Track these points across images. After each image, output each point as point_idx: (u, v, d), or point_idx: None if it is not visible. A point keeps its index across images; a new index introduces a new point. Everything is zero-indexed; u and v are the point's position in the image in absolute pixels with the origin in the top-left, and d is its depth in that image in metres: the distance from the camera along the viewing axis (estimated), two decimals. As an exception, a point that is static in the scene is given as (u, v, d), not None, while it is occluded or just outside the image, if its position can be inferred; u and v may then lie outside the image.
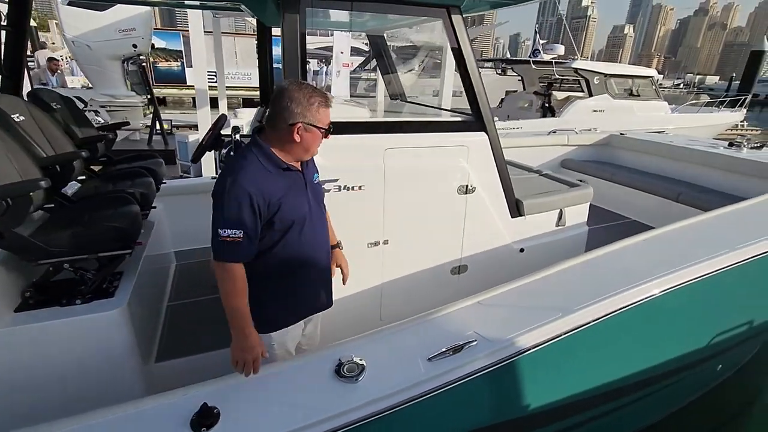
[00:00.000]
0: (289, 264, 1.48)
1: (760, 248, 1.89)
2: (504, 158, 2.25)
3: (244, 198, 1.30)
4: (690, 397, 2.56)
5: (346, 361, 1.33)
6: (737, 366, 2.87)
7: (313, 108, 1.36)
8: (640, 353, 1.81)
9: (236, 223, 1.31)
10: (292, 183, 1.45)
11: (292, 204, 1.42)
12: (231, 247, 1.32)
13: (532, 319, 1.49)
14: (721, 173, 3.60)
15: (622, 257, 1.86)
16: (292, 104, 1.34)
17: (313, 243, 1.54)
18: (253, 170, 1.35)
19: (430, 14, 1.91)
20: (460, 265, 2.30)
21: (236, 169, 1.34)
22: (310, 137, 1.40)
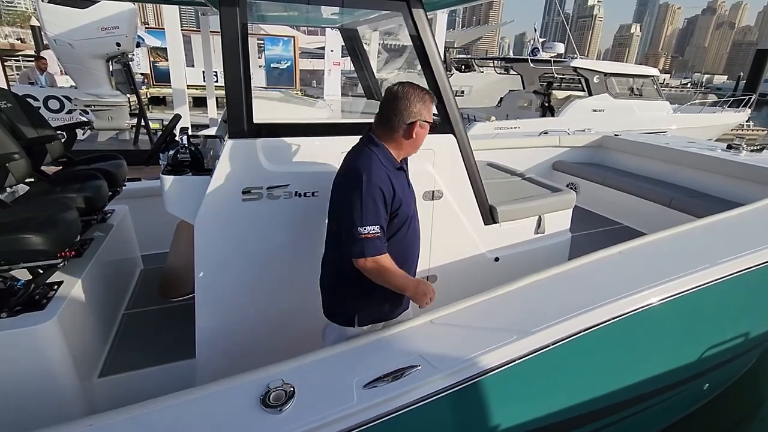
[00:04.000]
0: (398, 258, 1.50)
1: (742, 263, 1.74)
2: (474, 162, 2.12)
3: (378, 195, 1.40)
4: (676, 418, 2.42)
5: (275, 387, 1.21)
6: (726, 384, 2.72)
7: (426, 105, 1.50)
8: (612, 375, 1.68)
9: (374, 220, 1.39)
10: (404, 181, 1.56)
11: (407, 201, 1.53)
12: (373, 242, 1.40)
13: (486, 342, 1.35)
14: (717, 177, 3.44)
15: (593, 271, 1.72)
16: (411, 104, 1.46)
17: (415, 239, 1.65)
18: (378, 168, 1.44)
19: (388, 8, 1.78)
20: (428, 275, 2.17)
21: (366, 168, 1.42)
22: (423, 133, 1.54)
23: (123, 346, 2.07)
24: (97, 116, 5.39)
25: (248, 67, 1.59)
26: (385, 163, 1.47)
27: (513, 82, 12.62)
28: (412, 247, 1.64)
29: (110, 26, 5.12)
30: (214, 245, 1.69)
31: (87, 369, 1.80)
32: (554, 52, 9.56)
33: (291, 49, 19.60)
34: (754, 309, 2.14)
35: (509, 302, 1.56)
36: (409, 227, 1.57)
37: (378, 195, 1.40)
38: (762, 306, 2.17)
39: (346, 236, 1.42)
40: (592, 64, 9.13)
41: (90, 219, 2.02)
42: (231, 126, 1.62)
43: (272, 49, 19.85)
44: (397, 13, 1.80)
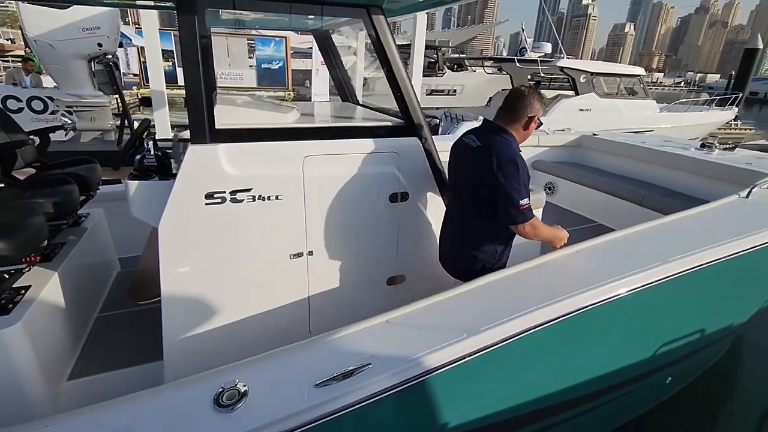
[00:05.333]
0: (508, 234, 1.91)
1: (698, 259, 1.79)
2: (441, 164, 2.16)
3: (527, 175, 1.77)
4: (639, 411, 2.47)
5: (229, 387, 1.24)
6: (692, 376, 2.78)
7: (541, 105, 1.88)
8: (566, 371, 1.73)
9: (527, 193, 1.75)
10: None
11: None
12: (528, 210, 1.75)
13: (437, 341, 1.39)
14: (688, 176, 3.51)
15: (550, 270, 1.76)
16: (534, 102, 1.83)
17: None
18: (521, 153, 1.79)
19: (348, 14, 1.82)
20: (396, 275, 2.21)
21: (516, 153, 1.78)
22: (535, 127, 1.90)
23: (94, 348, 2.09)
24: (80, 117, 5.38)
25: (208, 72, 1.62)
26: (519, 148, 1.82)
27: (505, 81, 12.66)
28: None
29: (91, 27, 5.11)
30: (178, 249, 1.72)
31: (55, 372, 1.83)
32: (542, 52, 9.62)
33: (282, 49, 19.57)
34: (715, 303, 2.19)
35: (465, 302, 1.60)
36: None
37: (527, 174, 1.78)
38: (722, 300, 2.23)
39: (509, 207, 1.74)
40: (579, 63, 9.21)
41: (60, 224, 2.04)
42: (192, 132, 1.65)
43: (263, 50, 19.82)
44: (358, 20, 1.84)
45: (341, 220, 1.98)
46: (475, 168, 1.83)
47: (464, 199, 1.94)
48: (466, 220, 1.93)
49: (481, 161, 1.79)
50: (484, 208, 1.83)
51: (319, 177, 1.87)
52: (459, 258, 1.98)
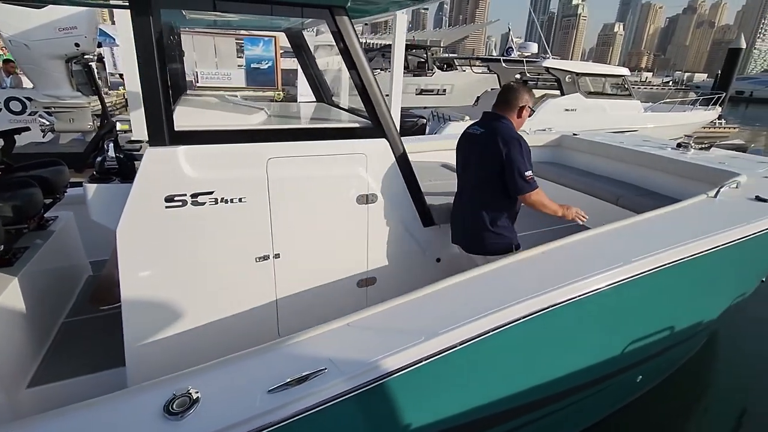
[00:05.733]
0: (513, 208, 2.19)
1: (656, 261, 1.81)
2: (410, 165, 2.16)
3: (529, 151, 2.05)
4: (609, 411, 2.49)
5: (181, 394, 1.22)
6: (665, 374, 2.81)
7: (530, 96, 2.16)
8: (531, 371, 1.73)
9: (531, 167, 2.05)
10: None
11: None
12: (534, 181, 2.06)
13: (395, 344, 1.39)
14: (664, 175, 3.54)
15: (516, 271, 1.76)
16: (523, 94, 2.12)
17: None
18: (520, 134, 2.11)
19: (311, 15, 1.80)
20: (367, 277, 2.20)
21: (517, 134, 2.08)
22: (527, 115, 2.18)
23: (57, 355, 2.05)
24: (58, 118, 5.29)
25: (166, 73, 1.60)
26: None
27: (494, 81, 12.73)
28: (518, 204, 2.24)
29: (68, 26, 5.02)
30: (137, 253, 1.70)
31: (13, 380, 1.79)
32: (528, 52, 9.67)
33: (272, 48, 19.45)
34: (682, 301, 2.21)
35: (428, 304, 1.59)
36: None
37: (528, 151, 2.05)
38: (690, 298, 2.26)
39: (517, 178, 2.02)
40: (564, 64, 9.27)
41: (21, 228, 2.00)
42: (150, 134, 1.63)
43: (252, 50, 19.69)
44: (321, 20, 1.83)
45: (308, 222, 1.97)
46: (483, 152, 2.10)
47: (475, 183, 2.19)
48: (479, 200, 2.17)
49: (487, 144, 2.07)
50: (494, 187, 2.10)
51: (284, 179, 1.85)
52: (476, 235, 2.20)
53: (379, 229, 2.13)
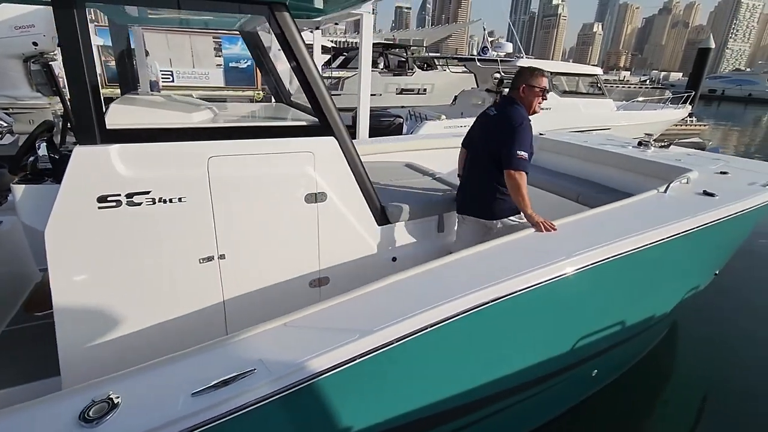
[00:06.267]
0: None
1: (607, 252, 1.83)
2: (361, 163, 2.14)
3: (530, 133, 2.25)
4: (564, 407, 2.52)
5: (100, 400, 1.18)
6: (623, 368, 2.85)
7: (530, 76, 2.36)
8: (475, 368, 1.73)
9: (526, 148, 2.21)
10: None
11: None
12: (524, 162, 2.21)
13: (329, 343, 1.37)
14: (623, 173, 3.61)
15: (461, 266, 1.76)
16: (522, 74, 2.38)
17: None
18: (528, 117, 2.31)
19: (249, 11, 1.77)
20: (319, 277, 2.18)
21: (523, 115, 2.29)
22: (533, 94, 2.35)
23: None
24: (17, 119, 5.11)
25: (94, 69, 1.55)
26: (526, 115, 2.32)
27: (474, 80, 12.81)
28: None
29: (25, 25, 4.85)
30: (69, 256, 1.64)
31: None
32: (503, 52, 9.76)
33: (251, 47, 19.08)
34: (630, 295, 2.25)
35: (368, 302, 1.58)
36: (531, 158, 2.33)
37: (529, 132, 2.25)
38: (639, 291, 2.29)
39: (509, 155, 2.21)
40: (538, 63, 9.38)
41: None
42: (78, 133, 1.57)
43: (230, 48, 19.39)
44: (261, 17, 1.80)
45: (254, 222, 1.93)
46: (494, 130, 2.36)
47: (484, 156, 2.41)
48: (486, 172, 2.40)
49: (499, 124, 2.34)
50: (498, 162, 2.30)
51: (227, 178, 1.82)
52: (482, 201, 2.47)
53: (330, 228, 2.11)
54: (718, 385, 3.16)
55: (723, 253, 2.90)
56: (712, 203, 2.37)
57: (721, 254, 2.85)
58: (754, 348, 3.55)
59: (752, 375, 3.24)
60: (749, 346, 3.57)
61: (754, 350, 3.53)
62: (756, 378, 3.20)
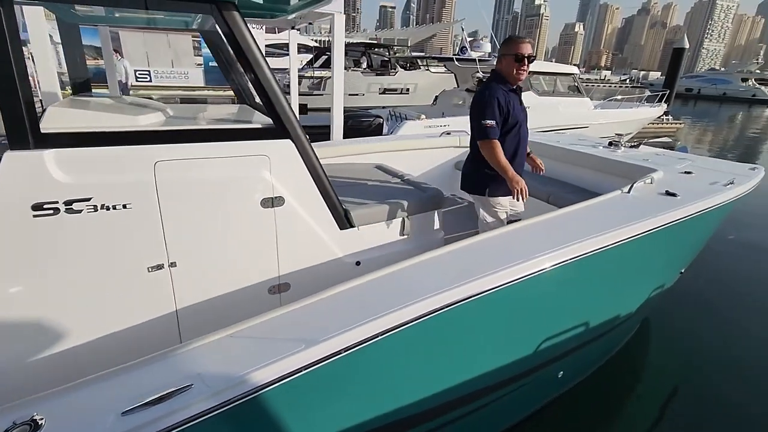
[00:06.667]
0: (509, 150, 2.48)
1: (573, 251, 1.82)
2: (320, 166, 2.09)
3: (494, 102, 2.36)
4: (533, 408, 2.52)
5: (22, 422, 1.11)
6: (589, 369, 2.87)
7: (505, 44, 2.45)
8: (435, 374, 1.70)
9: (491, 116, 2.36)
10: (515, 99, 2.49)
11: (515, 112, 2.45)
12: (491, 129, 2.37)
13: (274, 354, 1.32)
14: (593, 173, 3.64)
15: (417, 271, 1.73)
16: (503, 46, 2.47)
17: (522, 142, 2.56)
18: (495, 88, 2.42)
19: (194, 9, 1.70)
20: (279, 283, 2.12)
21: (488, 87, 2.44)
22: (506, 62, 2.43)
23: None
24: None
25: (25, 69, 1.46)
26: (501, 84, 2.44)
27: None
28: (519, 145, 2.55)
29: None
30: (2, 269, 1.55)
31: None
32: (482, 52, 9.81)
33: (231, 46, 18.81)
34: (593, 295, 2.25)
35: (320, 310, 1.53)
36: (518, 132, 2.51)
37: (494, 102, 2.36)
38: (602, 292, 2.30)
39: (476, 128, 2.43)
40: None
41: None
42: (10, 137, 1.49)
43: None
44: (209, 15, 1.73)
45: (207, 228, 1.87)
46: (471, 111, 2.52)
47: (472, 136, 2.58)
48: (472, 149, 2.62)
49: (472, 104, 2.50)
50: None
51: (176, 183, 1.75)
52: (469, 177, 2.68)
53: (289, 233, 2.05)
54: (689, 381, 3.20)
55: (687, 252, 2.93)
56: (674, 203, 2.39)
57: (685, 253, 2.89)
58: (724, 343, 3.61)
59: (724, 369, 3.29)
60: (720, 341, 3.63)
61: (724, 345, 3.59)
62: (727, 372, 3.25)
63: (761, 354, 3.46)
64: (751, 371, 3.26)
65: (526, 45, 2.39)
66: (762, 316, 4.02)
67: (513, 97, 2.47)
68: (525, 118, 2.56)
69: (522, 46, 2.38)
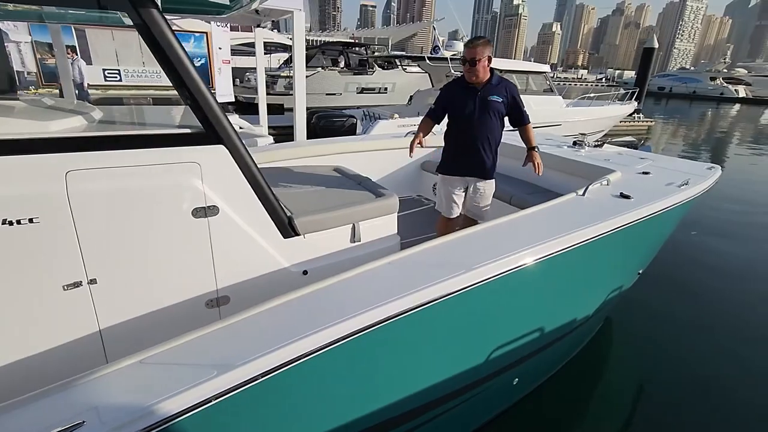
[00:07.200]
0: (450, 132, 2.92)
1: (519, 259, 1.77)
2: (259, 173, 1.97)
3: (440, 93, 2.91)
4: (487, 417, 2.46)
5: None
6: (546, 374, 2.83)
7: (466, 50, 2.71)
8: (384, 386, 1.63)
9: (435, 103, 2.90)
10: (465, 94, 2.76)
11: (456, 103, 2.79)
12: (429, 110, 2.94)
13: (185, 382, 1.21)
14: (556, 173, 3.62)
15: (352, 284, 1.64)
16: None
17: (464, 131, 2.81)
18: (446, 86, 2.94)
19: (107, 5, 1.57)
20: (217, 296, 2.00)
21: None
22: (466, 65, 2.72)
23: None
24: None
25: None
26: (454, 84, 2.88)
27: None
28: (458, 131, 2.86)
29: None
30: None
31: None
32: (454, 51, 9.80)
33: (204, 45, 18.47)
34: (546, 301, 2.21)
35: (239, 331, 1.43)
36: (456, 120, 2.84)
37: (440, 93, 2.91)
38: (555, 297, 2.26)
39: None
40: (488, 62, 9.46)
41: None
42: None
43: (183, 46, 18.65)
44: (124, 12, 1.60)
45: (132, 241, 1.73)
46: None
47: None
48: None
49: None
50: None
51: (93, 194, 1.61)
52: None
53: (225, 243, 1.93)
54: (654, 379, 3.21)
55: (644, 253, 2.93)
56: (627, 205, 2.37)
57: (641, 254, 2.88)
58: (689, 339, 3.65)
59: (688, 366, 3.31)
60: (685, 338, 3.67)
61: (689, 342, 3.62)
62: (692, 368, 3.28)
63: (724, 349, 3.51)
64: (715, 367, 3.30)
65: (471, 50, 2.64)
66: (726, 311, 4.08)
67: (463, 92, 2.77)
68: (475, 110, 2.74)
69: (467, 50, 2.67)
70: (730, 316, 4.02)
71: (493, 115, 2.76)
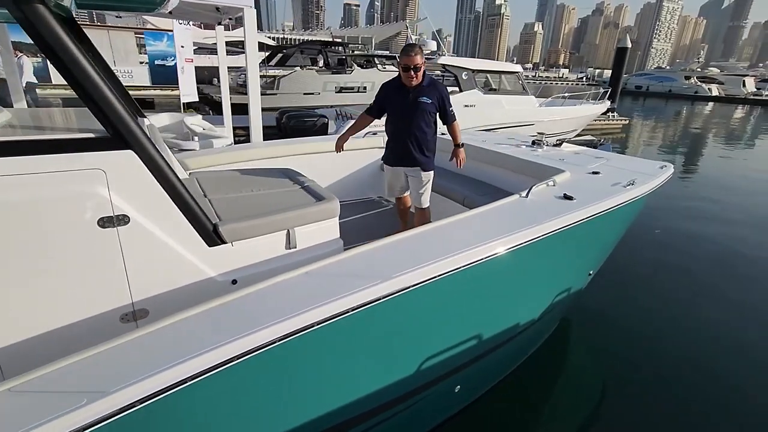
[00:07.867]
0: (387, 130, 3.19)
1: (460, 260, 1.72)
2: (176, 178, 1.86)
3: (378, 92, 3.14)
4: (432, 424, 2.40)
5: None
6: (492, 380, 2.79)
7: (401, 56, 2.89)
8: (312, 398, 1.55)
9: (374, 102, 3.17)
10: (399, 94, 2.98)
11: (390, 102, 3.05)
12: (368, 106, 3.22)
13: (62, 408, 1.11)
14: (511, 174, 3.59)
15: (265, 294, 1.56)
16: None
17: (395, 126, 3.10)
18: (384, 85, 3.14)
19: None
20: (134, 310, 1.89)
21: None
22: (399, 70, 2.95)
23: None
24: None
25: None
26: (392, 85, 3.05)
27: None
28: (391, 130, 3.15)
29: None
30: None
31: None
32: (427, 50, 9.76)
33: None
34: (484, 306, 2.15)
35: (141, 345, 1.33)
36: (391, 116, 3.10)
37: (377, 93, 3.12)
38: (493, 301, 2.20)
39: None
40: (459, 61, 9.46)
41: None
42: None
43: (155, 45, 18.26)
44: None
45: (27, 255, 1.61)
46: None
47: None
48: None
49: None
50: None
51: None
52: None
53: (139, 254, 1.82)
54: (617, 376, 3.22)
55: (592, 255, 2.90)
56: (568, 207, 2.33)
57: (589, 256, 2.86)
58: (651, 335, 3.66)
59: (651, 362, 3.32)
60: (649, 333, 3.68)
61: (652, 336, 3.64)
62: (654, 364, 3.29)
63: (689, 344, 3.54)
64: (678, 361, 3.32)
65: (411, 58, 2.82)
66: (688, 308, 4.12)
67: (397, 92, 2.99)
68: (406, 109, 2.97)
69: (407, 58, 2.84)
70: (693, 313, 4.04)
71: (422, 114, 2.97)
